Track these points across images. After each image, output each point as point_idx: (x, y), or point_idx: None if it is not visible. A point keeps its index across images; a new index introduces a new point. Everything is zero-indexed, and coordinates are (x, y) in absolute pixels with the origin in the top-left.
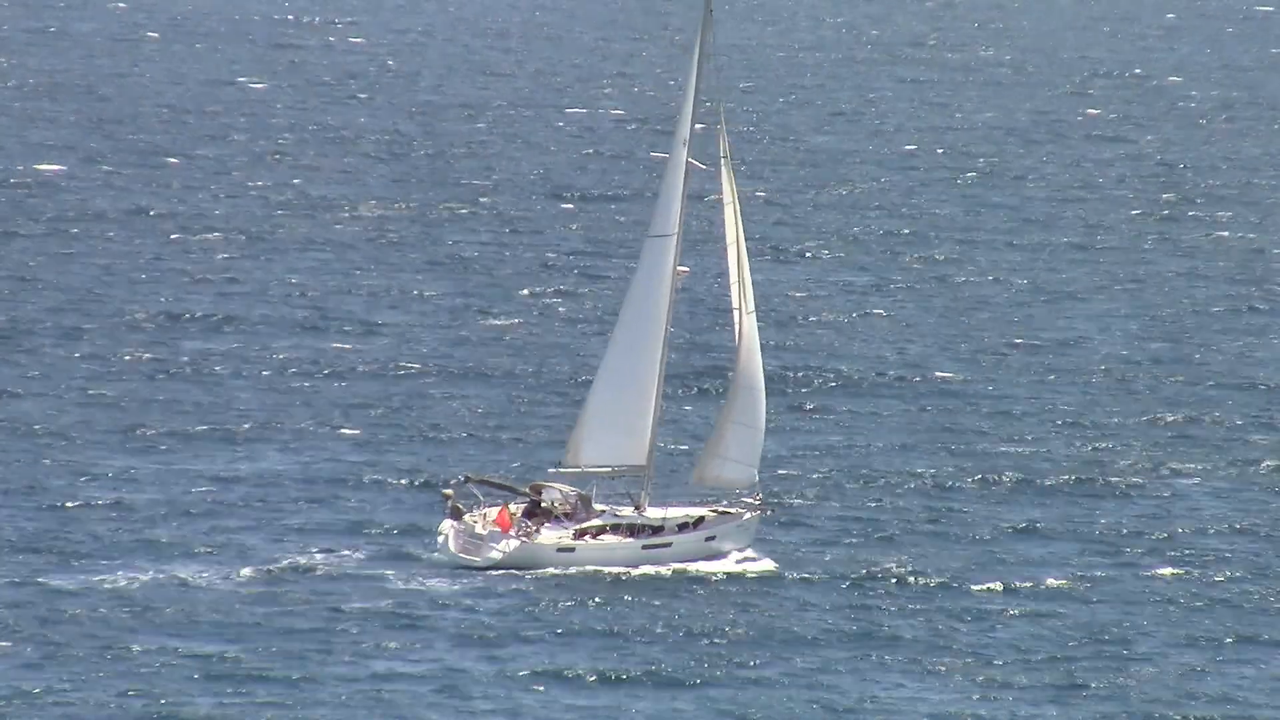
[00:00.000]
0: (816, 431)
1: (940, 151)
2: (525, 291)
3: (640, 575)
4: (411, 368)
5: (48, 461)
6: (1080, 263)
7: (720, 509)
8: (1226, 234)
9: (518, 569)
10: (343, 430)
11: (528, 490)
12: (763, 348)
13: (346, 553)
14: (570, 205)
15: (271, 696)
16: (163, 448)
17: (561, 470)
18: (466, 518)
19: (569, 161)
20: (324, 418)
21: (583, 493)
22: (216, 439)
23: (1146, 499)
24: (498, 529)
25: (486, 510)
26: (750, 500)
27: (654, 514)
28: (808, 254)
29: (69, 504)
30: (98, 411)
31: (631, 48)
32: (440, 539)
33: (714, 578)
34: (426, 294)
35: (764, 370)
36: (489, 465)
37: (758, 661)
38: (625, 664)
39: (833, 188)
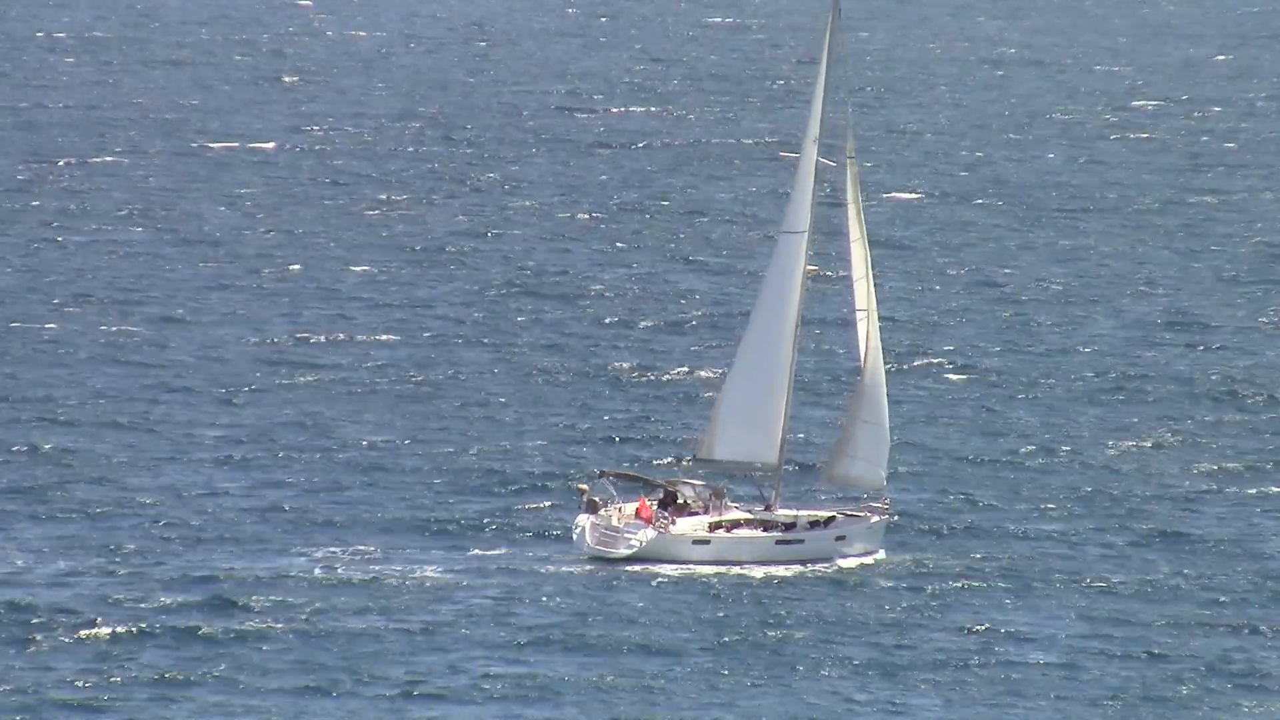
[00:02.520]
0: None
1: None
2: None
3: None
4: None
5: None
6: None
7: (849, 511)
8: None
9: (653, 561)
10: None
11: (662, 483)
12: (884, 348)
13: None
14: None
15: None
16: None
17: (695, 464)
18: (602, 511)
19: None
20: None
21: (717, 487)
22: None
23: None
24: (636, 521)
25: (622, 503)
26: (878, 504)
27: (785, 513)
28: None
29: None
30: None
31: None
32: (577, 532)
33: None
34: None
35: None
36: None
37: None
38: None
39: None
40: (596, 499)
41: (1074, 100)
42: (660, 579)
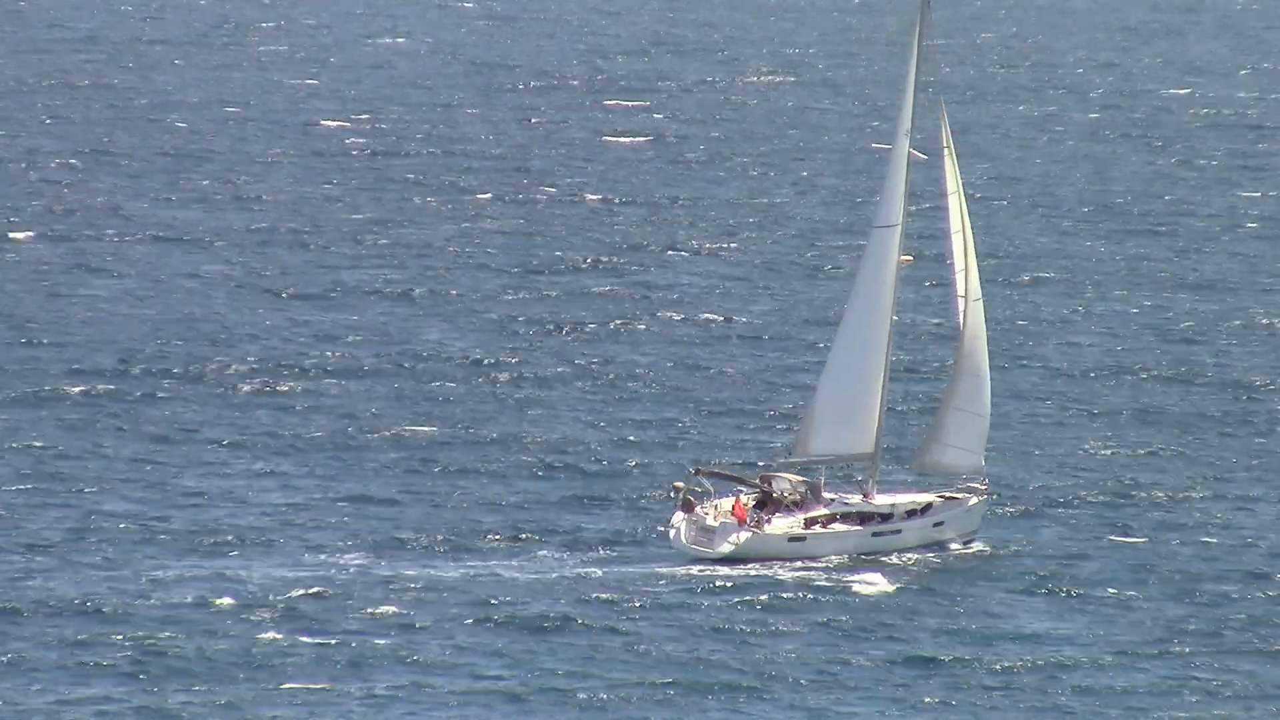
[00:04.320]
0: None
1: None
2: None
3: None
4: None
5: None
6: None
7: (947, 495)
8: None
9: (749, 559)
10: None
11: (757, 481)
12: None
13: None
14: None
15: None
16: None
17: (790, 460)
18: (698, 509)
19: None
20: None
21: (812, 481)
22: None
23: None
24: (731, 520)
25: (718, 502)
26: (976, 485)
27: (881, 502)
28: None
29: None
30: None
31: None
32: (672, 531)
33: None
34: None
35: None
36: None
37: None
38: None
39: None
40: (692, 497)
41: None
42: (741, 582)
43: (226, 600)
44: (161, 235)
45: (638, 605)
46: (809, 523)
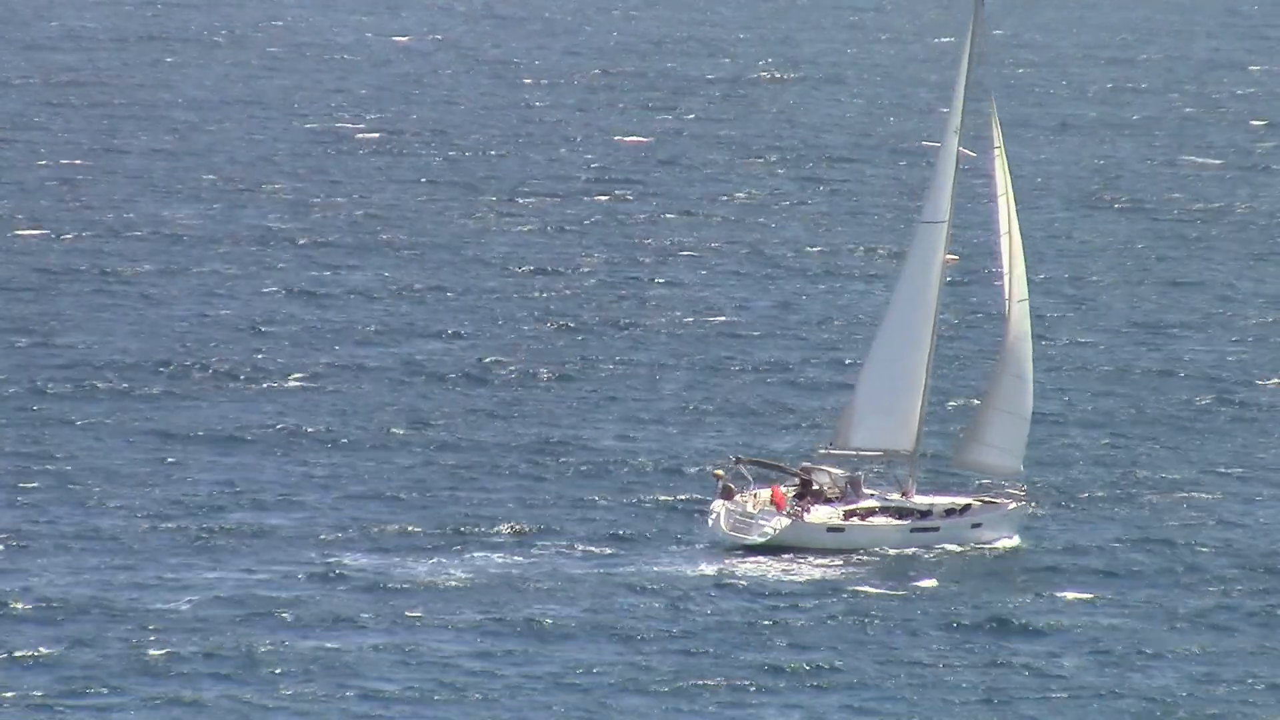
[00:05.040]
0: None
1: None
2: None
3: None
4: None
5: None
6: None
7: (986, 498)
8: None
9: (787, 548)
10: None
11: (798, 471)
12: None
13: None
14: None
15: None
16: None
17: (830, 453)
18: (738, 497)
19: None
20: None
21: (853, 476)
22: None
23: None
24: (770, 508)
25: (757, 490)
26: (1015, 491)
27: (921, 500)
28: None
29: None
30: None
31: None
32: (712, 518)
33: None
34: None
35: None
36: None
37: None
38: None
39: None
40: (732, 485)
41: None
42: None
43: (228, 600)
44: (165, 234)
45: (642, 605)
46: (848, 514)
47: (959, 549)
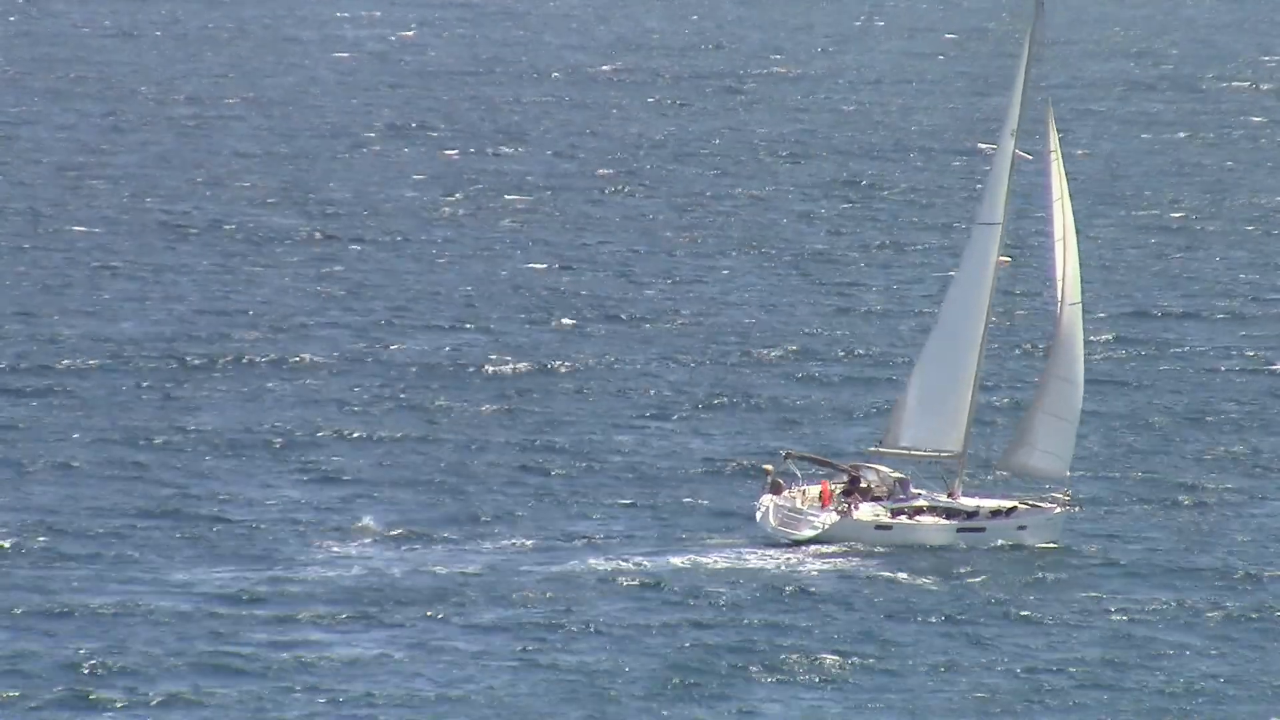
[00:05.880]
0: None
1: None
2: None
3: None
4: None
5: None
6: None
7: (1031, 501)
8: None
9: (834, 543)
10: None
11: (846, 468)
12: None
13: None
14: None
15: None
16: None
17: (879, 452)
18: (786, 492)
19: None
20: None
21: (901, 475)
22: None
23: None
24: (817, 504)
25: (806, 486)
26: (1059, 495)
27: (967, 501)
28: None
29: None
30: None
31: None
32: (760, 513)
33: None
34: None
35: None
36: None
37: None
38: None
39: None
40: (780, 480)
41: None
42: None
43: (230, 601)
44: (168, 233)
45: (647, 604)
46: (895, 513)
47: (1002, 549)
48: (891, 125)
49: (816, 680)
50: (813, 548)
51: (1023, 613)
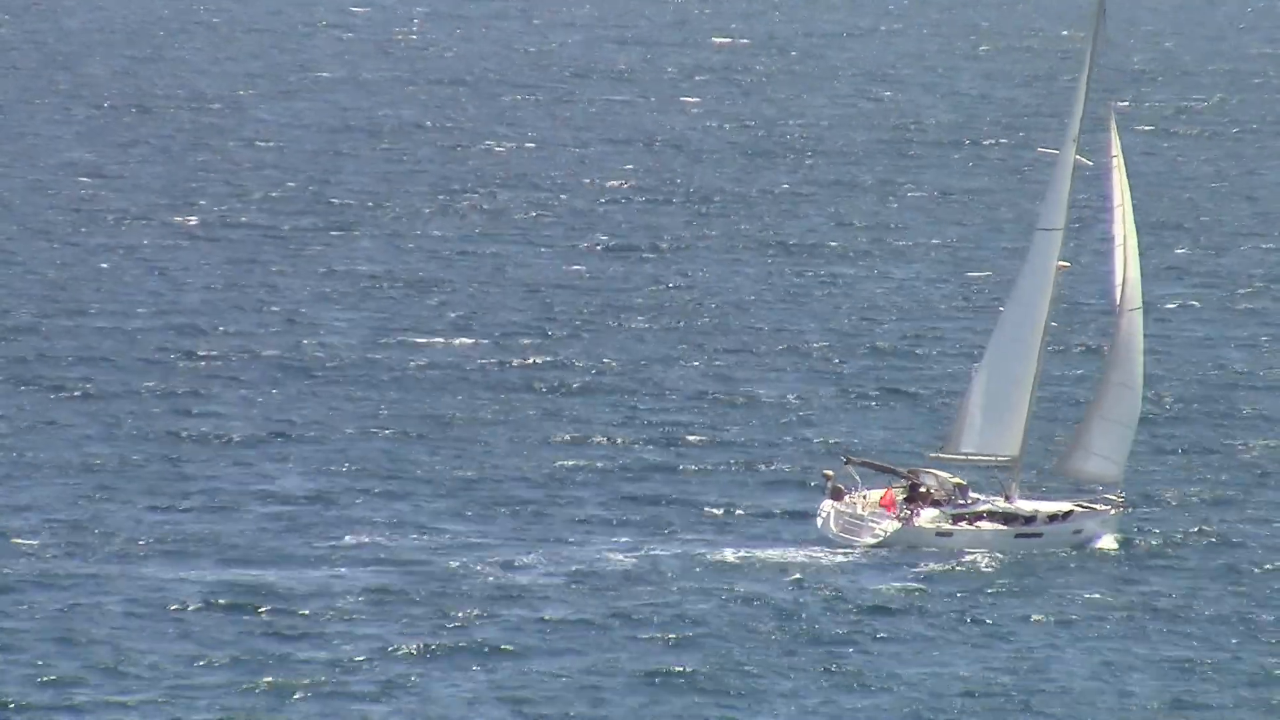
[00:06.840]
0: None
1: None
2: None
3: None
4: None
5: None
6: None
7: (1085, 504)
8: None
9: (896, 549)
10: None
11: (906, 473)
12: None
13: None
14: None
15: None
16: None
17: (939, 457)
18: (847, 498)
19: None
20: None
21: (960, 480)
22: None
23: None
24: (880, 509)
25: (867, 491)
26: (1113, 497)
27: (1024, 505)
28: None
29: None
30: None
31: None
32: (821, 519)
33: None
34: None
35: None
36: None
37: None
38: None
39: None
40: (841, 486)
41: None
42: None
43: (234, 601)
44: (174, 231)
45: (653, 604)
46: (956, 519)
47: (1058, 553)
48: (904, 125)
49: (823, 683)
50: (875, 553)
51: (1031, 614)
